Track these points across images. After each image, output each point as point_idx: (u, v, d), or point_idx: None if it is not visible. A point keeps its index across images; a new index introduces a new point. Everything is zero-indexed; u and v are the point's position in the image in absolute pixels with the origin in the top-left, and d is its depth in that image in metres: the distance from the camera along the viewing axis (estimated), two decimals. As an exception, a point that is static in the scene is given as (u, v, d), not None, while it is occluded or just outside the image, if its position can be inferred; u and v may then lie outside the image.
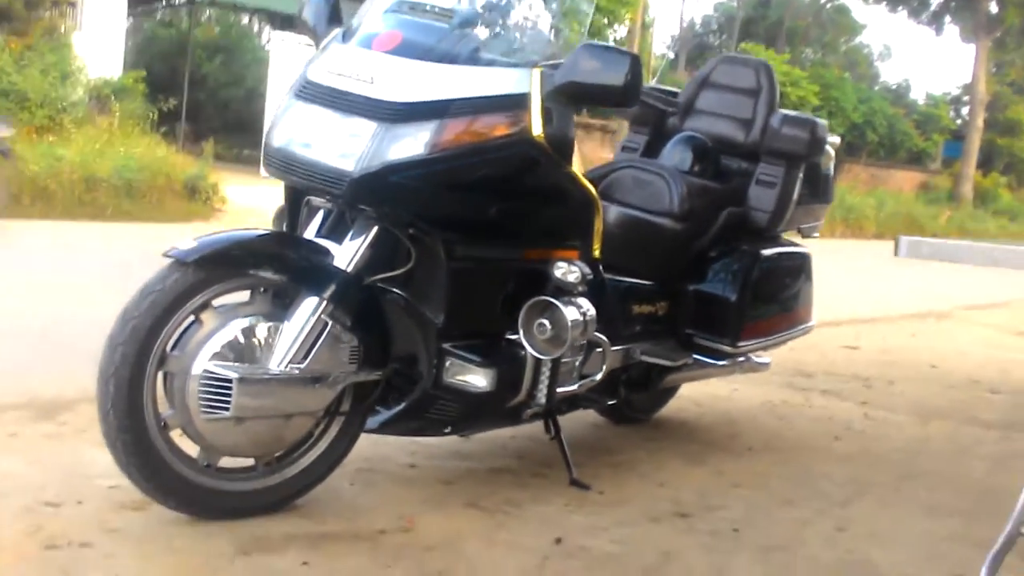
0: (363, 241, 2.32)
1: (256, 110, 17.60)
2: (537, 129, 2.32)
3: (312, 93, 2.37)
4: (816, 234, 3.73)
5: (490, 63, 2.36)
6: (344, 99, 2.30)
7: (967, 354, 6.08)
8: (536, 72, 2.34)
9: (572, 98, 2.38)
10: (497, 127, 2.30)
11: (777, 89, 3.53)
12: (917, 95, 34.46)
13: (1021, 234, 24.69)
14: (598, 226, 2.69)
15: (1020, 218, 26.21)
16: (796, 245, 3.57)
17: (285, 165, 2.36)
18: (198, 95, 19.46)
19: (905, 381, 4.92)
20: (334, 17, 2.71)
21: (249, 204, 10.99)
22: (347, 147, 2.27)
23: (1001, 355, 6.15)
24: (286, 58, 15.80)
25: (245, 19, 25.86)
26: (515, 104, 2.31)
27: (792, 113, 3.44)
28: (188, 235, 2.23)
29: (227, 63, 20.75)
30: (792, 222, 3.48)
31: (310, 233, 2.41)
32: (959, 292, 9.50)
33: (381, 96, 2.26)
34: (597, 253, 2.70)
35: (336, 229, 2.39)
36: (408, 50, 2.34)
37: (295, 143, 2.35)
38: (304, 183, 2.35)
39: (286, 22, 22.51)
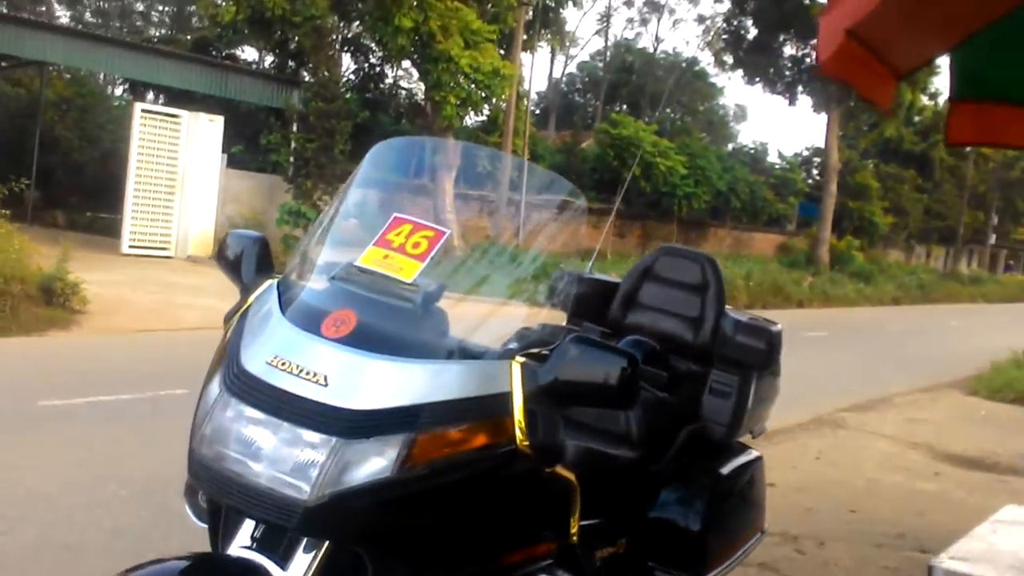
0: (312, 561, 1.91)
1: (113, 174, 16.63)
2: (523, 436, 1.98)
3: (249, 389, 1.95)
4: (765, 430, 3.54)
5: (463, 354, 2.01)
6: (291, 405, 1.90)
7: (878, 487, 6.06)
8: (516, 366, 2.00)
9: (560, 398, 2.04)
10: (476, 436, 1.94)
11: (723, 286, 3.34)
12: (772, 156, 36.14)
13: (876, 297, 26.01)
14: (576, 509, 2.37)
15: (873, 280, 27.59)
16: (748, 450, 3.37)
17: (218, 485, 1.92)
18: (49, 158, 18.23)
19: (834, 541, 4.79)
20: (264, 264, 2.31)
21: (113, 299, 10.18)
22: (297, 467, 1.86)
23: (910, 485, 6.17)
24: (151, 132, 15.02)
25: (100, 77, 24.61)
26: (496, 407, 1.95)
27: (745, 319, 3.25)
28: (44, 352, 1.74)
29: (81, 123, 19.56)
30: (744, 428, 3.28)
31: (240, 541, 1.98)
32: (828, 382, 9.75)
33: (337, 402, 1.86)
34: (575, 537, 2.37)
35: (271, 538, 1.98)
36: (365, 340, 1.96)
37: (230, 458, 1.91)
38: (244, 509, 1.92)
39: (145, 88, 21.57)
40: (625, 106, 35.12)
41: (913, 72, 2.65)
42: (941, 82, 29.12)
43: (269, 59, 20.97)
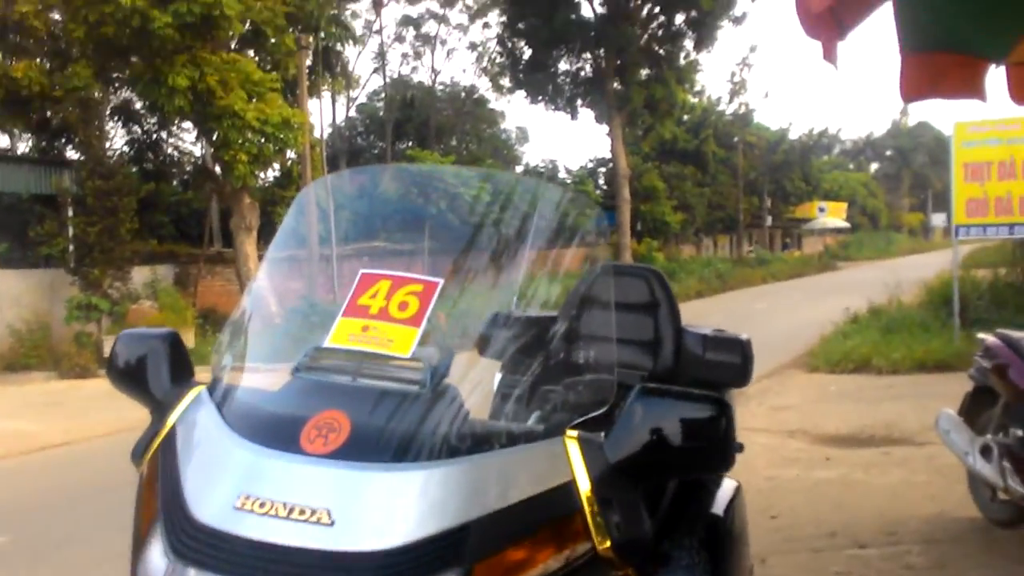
0: None
1: None
2: (600, 536, 1.48)
3: (214, 552, 1.36)
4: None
5: (498, 441, 1.51)
6: (286, 562, 1.33)
7: (782, 484, 5.94)
8: (573, 444, 1.52)
9: (639, 473, 1.54)
10: (544, 549, 1.44)
11: (675, 300, 2.98)
12: (561, 172, 37.04)
13: (683, 293, 26.95)
14: None
15: (676, 277, 28.66)
16: (721, 479, 3.03)
17: None
18: None
19: (773, 555, 4.55)
20: (180, 368, 1.73)
21: None
22: None
23: (810, 476, 6.10)
24: None
25: None
26: (559, 504, 1.47)
27: (709, 332, 2.90)
28: None
29: None
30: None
31: None
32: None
33: (352, 546, 1.32)
34: None
35: None
36: (370, 448, 1.43)
37: None
38: None
39: None
40: (411, 142, 34.93)
41: (855, 26, 2.43)
42: (704, 78, 30.77)
43: (23, 144, 18.94)
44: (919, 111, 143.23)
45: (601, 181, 36.43)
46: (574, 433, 1.52)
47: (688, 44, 27.17)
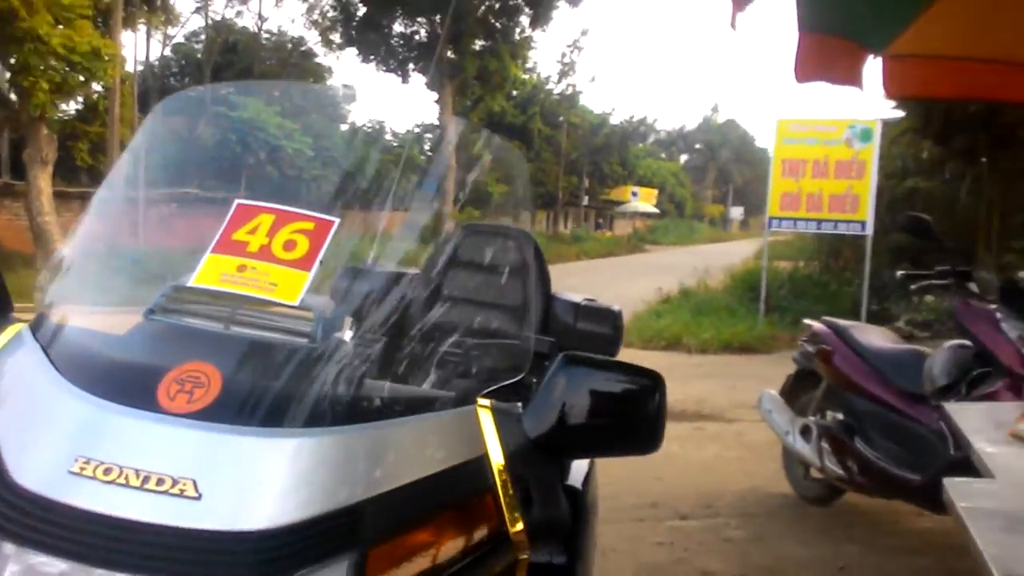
0: None
1: None
2: (512, 518, 1.33)
3: (44, 526, 1.11)
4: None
5: (400, 407, 1.33)
6: (136, 541, 1.09)
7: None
8: (486, 414, 1.37)
9: (555, 450, 1.41)
10: (447, 533, 1.27)
11: (545, 263, 2.89)
12: (388, 135, 36.34)
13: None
14: None
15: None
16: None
17: None
18: None
19: (600, 526, 4.60)
20: None
21: None
22: None
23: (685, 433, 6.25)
24: None
25: None
26: (466, 482, 1.31)
27: (581, 301, 2.83)
28: None
29: None
30: None
31: None
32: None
33: (224, 524, 1.11)
34: None
35: None
36: (246, 409, 1.22)
37: None
38: None
39: None
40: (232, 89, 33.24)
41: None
42: (536, 56, 31.06)
43: None
44: (728, 110, 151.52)
45: (427, 147, 36.20)
46: (487, 402, 1.37)
47: (524, 20, 27.34)
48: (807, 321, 4.99)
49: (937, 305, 10.79)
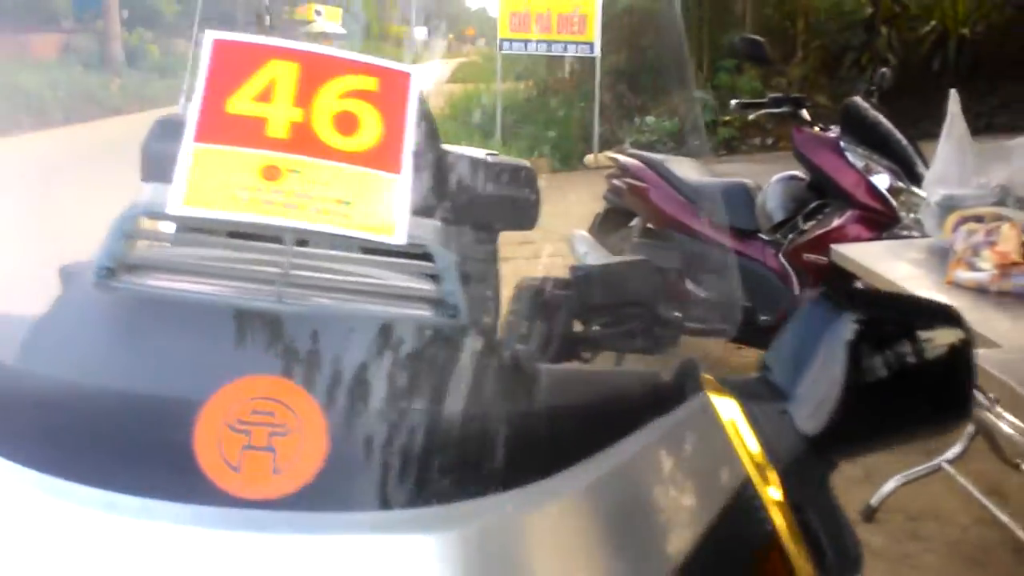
0: None
1: None
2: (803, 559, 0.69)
3: None
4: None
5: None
6: None
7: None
8: (727, 404, 0.70)
9: (842, 446, 0.76)
10: None
11: (432, 116, 2.08)
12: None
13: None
14: None
15: (169, 73, 25.88)
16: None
17: None
18: None
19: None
20: None
21: None
22: None
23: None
24: None
25: None
26: (738, 539, 0.65)
27: (489, 156, 2.04)
28: None
29: None
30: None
31: None
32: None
33: None
34: None
35: None
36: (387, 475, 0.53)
37: None
38: None
39: None
40: None
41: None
42: None
43: None
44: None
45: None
46: (713, 380, 0.71)
47: None
48: (612, 154, 4.58)
49: (658, 126, 10.98)
